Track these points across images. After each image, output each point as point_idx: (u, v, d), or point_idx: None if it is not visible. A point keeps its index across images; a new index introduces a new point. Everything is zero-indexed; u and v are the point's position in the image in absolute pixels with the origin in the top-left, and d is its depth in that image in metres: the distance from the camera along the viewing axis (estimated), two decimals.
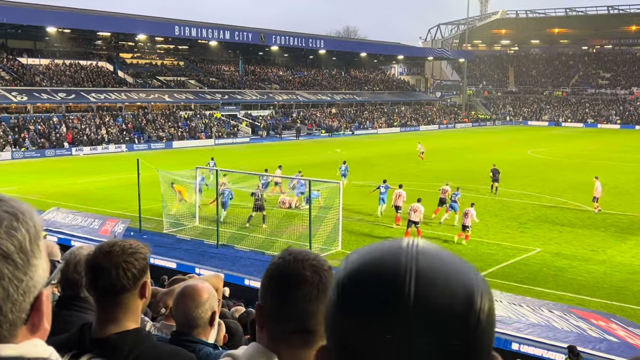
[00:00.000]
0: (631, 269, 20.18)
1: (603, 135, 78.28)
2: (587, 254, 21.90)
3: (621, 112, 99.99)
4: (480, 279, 0.89)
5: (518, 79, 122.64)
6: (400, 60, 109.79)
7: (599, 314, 16.33)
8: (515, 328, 15.50)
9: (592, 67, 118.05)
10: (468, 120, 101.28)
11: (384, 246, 0.93)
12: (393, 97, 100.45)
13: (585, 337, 14.86)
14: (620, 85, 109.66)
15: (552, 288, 18.45)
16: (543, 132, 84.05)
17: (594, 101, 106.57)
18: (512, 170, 40.41)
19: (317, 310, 1.59)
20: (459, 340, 0.83)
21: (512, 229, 25.53)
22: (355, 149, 56.94)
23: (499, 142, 66.81)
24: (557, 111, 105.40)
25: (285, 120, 79.37)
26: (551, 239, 23.89)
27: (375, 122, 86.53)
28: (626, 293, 18.01)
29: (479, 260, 21.15)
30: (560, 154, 52.97)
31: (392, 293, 0.85)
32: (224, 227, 24.35)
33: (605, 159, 49.14)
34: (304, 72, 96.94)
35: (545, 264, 20.83)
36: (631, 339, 14.81)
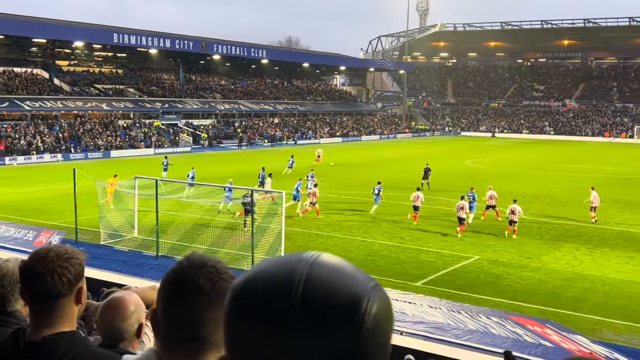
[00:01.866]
0: (565, 276, 20.82)
1: (537, 145, 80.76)
2: (523, 261, 22.49)
3: (554, 123, 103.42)
4: (372, 287, 0.90)
5: (456, 90, 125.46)
6: (342, 71, 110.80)
7: (535, 320, 16.78)
8: (454, 335, 15.77)
9: (527, 80, 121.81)
10: (408, 130, 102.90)
11: (286, 256, 0.95)
12: (335, 107, 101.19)
13: (521, 343, 15.24)
14: (553, 97, 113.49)
15: (489, 295, 18.85)
16: (481, 142, 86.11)
17: (529, 112, 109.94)
18: (452, 180, 41.21)
19: (209, 318, 1.55)
20: (343, 341, 0.84)
21: (451, 237, 26.00)
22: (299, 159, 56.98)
23: (439, 152, 68.09)
24: (494, 122, 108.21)
25: (227, 130, 78.88)
26: (488, 247, 24.44)
27: (317, 132, 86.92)
28: (560, 299, 18.56)
29: (419, 268, 21.47)
30: (497, 164, 54.36)
31: (279, 296, 0.86)
32: (164, 237, 23.95)
33: (540, 169, 50.69)
34: (247, 82, 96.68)
35: (482, 271, 21.29)
36: (565, 343, 15.26)
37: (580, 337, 15.72)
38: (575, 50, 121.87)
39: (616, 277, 20.56)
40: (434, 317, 16.90)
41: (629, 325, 16.55)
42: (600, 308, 17.76)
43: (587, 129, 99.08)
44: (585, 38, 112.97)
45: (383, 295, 0.92)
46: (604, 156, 65.38)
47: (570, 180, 44.24)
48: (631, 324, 16.66)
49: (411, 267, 21.61)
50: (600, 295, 18.81)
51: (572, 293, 19.12)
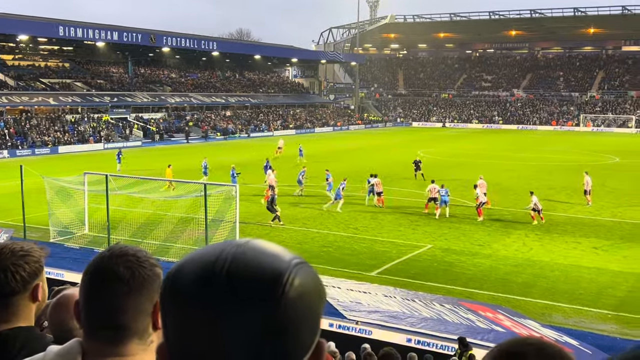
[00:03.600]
0: (515, 262, 21.32)
1: (487, 135, 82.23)
2: (475, 249, 22.92)
3: (503, 113, 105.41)
4: (295, 264, 0.97)
5: (407, 81, 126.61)
6: (294, 63, 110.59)
7: (487, 306, 17.14)
8: (409, 323, 15.98)
9: (476, 70, 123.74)
10: (361, 122, 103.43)
11: (219, 242, 1.03)
12: (288, 99, 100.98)
13: (474, 329, 15.55)
14: (502, 87, 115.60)
15: (442, 282, 19.16)
16: (432, 133, 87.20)
17: (478, 102, 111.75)
18: (404, 171, 41.65)
19: (129, 306, 1.57)
20: (267, 313, 0.92)
21: (405, 227, 26.31)
22: (252, 151, 56.80)
23: (391, 143, 68.69)
24: (444, 112, 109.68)
25: (178, 123, 77.94)
26: (441, 235, 24.83)
27: (270, 125, 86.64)
28: (511, 285, 19.00)
29: (374, 258, 21.67)
30: (448, 154, 55.16)
31: (206, 274, 0.94)
32: (116, 234, 23.56)
33: (489, 158, 51.66)
34: (197, 74, 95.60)
35: (435, 259, 21.62)
36: (516, 328, 15.64)
37: (530, 321, 16.14)
38: (523, 41, 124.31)
39: (564, 262, 21.15)
40: (389, 306, 17.09)
41: (577, 309, 17.06)
42: (550, 293, 18.25)
43: (535, 118, 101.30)
44: (531, 29, 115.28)
45: (308, 272, 0.99)
46: (552, 144, 67.00)
47: (519, 168, 45.20)
48: (579, 307, 17.17)
49: (366, 257, 21.79)
50: (550, 280, 19.33)
51: (522, 279, 19.58)
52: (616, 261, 21.26)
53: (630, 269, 20.33)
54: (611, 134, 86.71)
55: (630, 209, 30.07)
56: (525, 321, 16.11)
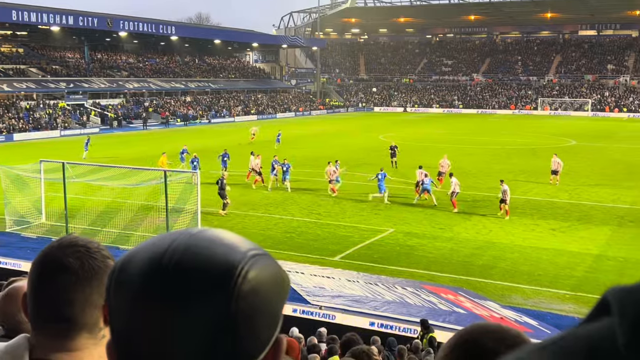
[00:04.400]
0: (475, 245, 21.60)
1: (448, 119, 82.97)
2: (436, 232, 23.15)
3: (463, 97, 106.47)
4: (252, 255, 0.91)
5: (368, 66, 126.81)
6: (254, 47, 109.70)
7: (448, 288, 17.35)
8: (372, 306, 16.08)
9: (436, 55, 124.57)
10: (323, 107, 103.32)
11: (172, 232, 0.97)
12: (249, 84, 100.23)
13: (435, 311, 15.73)
14: (461, 71, 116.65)
15: (404, 266, 19.30)
16: (393, 117, 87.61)
17: (439, 87, 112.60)
18: (366, 156, 41.79)
19: (77, 299, 1.51)
20: (218, 305, 0.86)
21: (367, 212, 26.41)
22: (212, 137, 56.30)
23: (353, 128, 68.80)
24: (405, 97, 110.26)
25: (137, 109, 76.72)
26: (402, 219, 25.00)
27: (232, 110, 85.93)
28: (472, 267, 19.25)
29: (337, 243, 21.71)
30: (410, 139, 55.45)
31: (154, 265, 0.88)
32: (74, 222, 23.13)
33: (450, 142, 52.14)
34: (156, 59, 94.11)
35: (398, 243, 21.77)
36: (477, 309, 15.86)
37: (491, 303, 16.40)
38: (482, 26, 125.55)
39: (523, 244, 21.51)
40: (352, 291, 17.17)
41: (536, 290, 17.37)
42: (510, 274, 18.55)
43: (494, 102, 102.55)
44: (490, 13, 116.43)
45: (267, 263, 0.93)
46: (510, 128, 67.96)
47: (479, 152, 45.75)
48: (538, 288, 17.49)
49: (329, 243, 21.83)
50: (509, 262, 19.64)
51: (482, 261, 19.85)
52: (574, 242, 21.70)
53: (587, 250, 20.78)
54: (568, 117, 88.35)
55: (586, 190, 30.72)
56: (485, 302, 16.36)
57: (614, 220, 24.88)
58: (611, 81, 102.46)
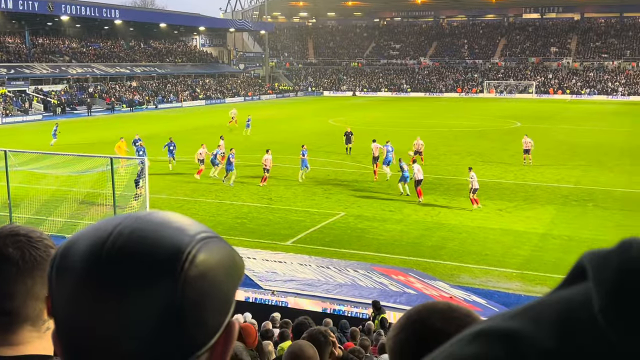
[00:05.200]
0: (424, 226, 21.90)
1: (396, 103, 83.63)
2: (386, 215, 23.37)
3: (411, 81, 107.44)
4: (201, 238, 0.87)
5: (317, 50, 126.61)
6: (201, 31, 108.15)
7: (398, 270, 17.57)
8: (324, 289, 16.17)
9: (384, 39, 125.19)
10: (272, 91, 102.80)
11: (118, 215, 0.93)
12: (196, 69, 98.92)
13: (387, 292, 15.91)
14: (409, 55, 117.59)
15: (356, 249, 19.46)
16: (342, 101, 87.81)
17: (387, 71, 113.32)
18: (317, 140, 41.80)
19: (18, 290, 1.44)
20: (164, 290, 0.82)
21: (319, 196, 26.47)
22: (160, 123, 55.40)
23: (303, 112, 68.70)
24: (354, 81, 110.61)
25: (81, 95, 74.84)
26: (353, 203, 25.14)
27: (179, 95, 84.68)
28: (421, 248, 19.53)
29: (289, 227, 21.71)
30: (359, 123, 55.68)
31: (96, 249, 0.84)
32: (18, 212, 22.48)
33: (399, 126, 52.60)
34: (100, 44, 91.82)
35: (349, 226, 21.91)
36: (427, 290, 16.12)
37: (440, 282, 16.68)
38: (428, 9, 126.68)
39: (471, 225, 21.92)
40: (304, 274, 17.22)
41: (484, 269, 17.75)
42: (458, 254, 18.89)
43: (441, 86, 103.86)
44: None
45: (217, 247, 0.88)
46: (458, 111, 68.95)
47: (427, 135, 46.25)
48: (486, 267, 17.87)
49: (281, 227, 21.80)
50: (458, 243, 20.00)
51: (432, 242, 20.17)
52: (520, 222, 22.23)
53: (533, 229, 21.32)
54: (513, 99, 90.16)
55: (532, 171, 31.44)
56: (435, 283, 16.64)
57: (559, 200, 25.57)
58: (554, 63, 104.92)
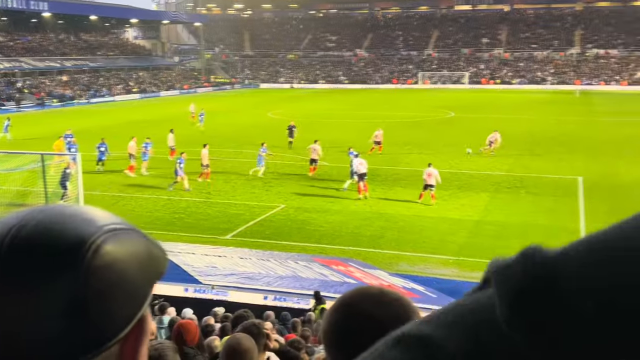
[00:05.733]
0: (363, 216, 22.16)
1: (334, 94, 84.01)
2: (326, 206, 23.52)
3: (348, 73, 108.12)
4: (109, 229, 0.84)
5: (254, 42, 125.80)
6: (134, 23, 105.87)
7: (339, 260, 17.74)
8: (265, 282, 16.18)
9: (320, 31, 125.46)
10: (209, 84, 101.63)
11: (26, 209, 0.89)
12: (130, 62, 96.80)
13: (327, 283, 16.05)
14: (345, 47, 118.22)
15: (296, 240, 19.53)
16: (280, 94, 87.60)
17: (324, 63, 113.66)
18: (256, 133, 41.60)
19: None
20: (66, 282, 0.79)
21: (258, 189, 26.39)
22: (92, 118, 54.01)
23: (241, 105, 68.21)
24: (292, 73, 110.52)
25: (9, 90, 72.20)
26: (293, 195, 25.19)
27: (112, 90, 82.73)
28: (361, 238, 19.77)
29: (228, 221, 21.59)
30: (297, 115, 55.72)
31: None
32: None
33: (337, 117, 52.93)
34: (28, 37, 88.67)
35: (289, 218, 21.95)
36: (367, 279, 16.34)
37: (380, 271, 16.94)
38: (363, 1, 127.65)
39: (408, 213, 22.30)
40: (245, 268, 17.18)
41: (422, 257, 18.11)
42: (396, 243, 19.21)
43: (377, 77, 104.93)
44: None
45: (129, 238, 0.86)
46: (394, 102, 69.83)
47: (364, 126, 46.69)
48: (423, 254, 18.24)
49: (220, 222, 21.66)
50: (396, 232, 20.33)
51: (370, 231, 20.43)
52: (455, 209, 22.76)
53: (467, 216, 21.87)
54: (447, 90, 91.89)
55: (465, 160, 32.18)
56: (374, 271, 16.88)
57: (492, 187, 26.29)
58: (486, 54, 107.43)
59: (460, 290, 15.69)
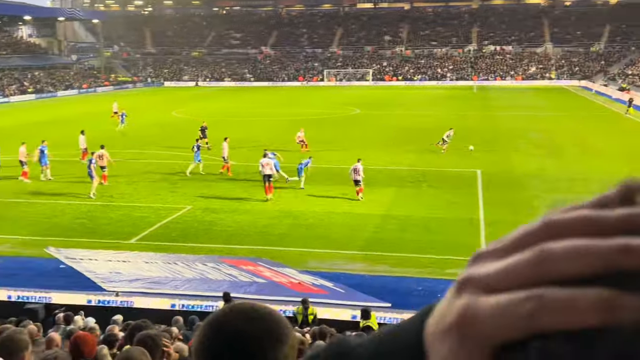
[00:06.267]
0: (272, 214, 22.14)
1: (240, 92, 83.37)
2: (234, 205, 23.33)
3: (254, 70, 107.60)
4: None
5: (155, 40, 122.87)
6: (27, 21, 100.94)
7: (248, 260, 17.65)
8: (173, 286, 15.87)
9: (224, 28, 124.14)
10: (109, 83, 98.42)
11: None
12: (24, 61, 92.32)
13: (237, 283, 15.94)
14: (250, 44, 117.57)
15: (204, 242, 19.27)
16: (185, 92, 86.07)
17: (229, 60, 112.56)
18: (161, 132, 40.76)
19: None
20: None
21: (163, 190, 25.83)
22: None
23: (144, 104, 66.48)
24: (196, 71, 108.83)
25: None
26: (200, 196, 24.82)
27: (5, 90, 78.60)
28: (270, 236, 19.74)
29: (132, 225, 21.02)
30: (204, 113, 54.95)
31: None
32: None
33: (244, 115, 52.60)
34: None
35: (196, 220, 21.63)
36: (276, 277, 16.34)
37: (289, 269, 16.98)
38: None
39: (317, 210, 22.48)
40: (151, 272, 16.78)
41: (331, 252, 18.31)
42: (306, 240, 19.33)
43: (284, 75, 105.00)
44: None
45: None
46: (300, 99, 70.13)
47: (272, 124, 46.70)
48: (332, 250, 18.44)
49: (124, 225, 21.06)
50: (305, 229, 20.45)
51: (279, 230, 20.44)
52: (362, 205, 23.13)
53: (374, 211, 22.28)
54: (352, 87, 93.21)
55: (371, 156, 32.66)
56: (284, 270, 16.90)
57: (396, 182, 26.90)
58: (388, 52, 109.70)
59: (368, 284, 16.00)
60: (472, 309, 0.47)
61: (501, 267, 0.47)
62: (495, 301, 0.46)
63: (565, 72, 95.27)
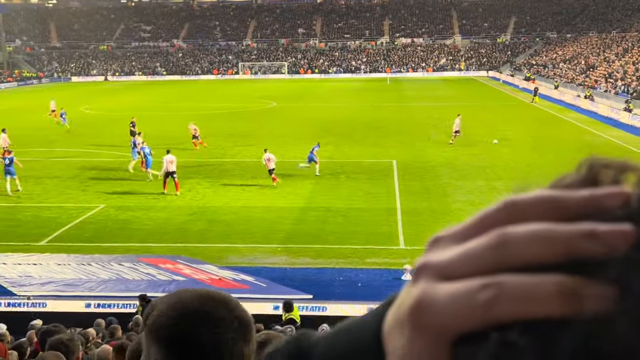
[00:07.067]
0: (190, 211, 21.76)
1: (152, 87, 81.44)
2: (150, 203, 22.77)
3: (166, 64, 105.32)
4: None
5: (61, 33, 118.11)
6: None
7: (166, 258, 17.27)
8: (87, 288, 15.35)
9: (134, 21, 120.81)
10: (12, 79, 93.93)
11: None
12: None
13: (155, 283, 15.58)
14: (161, 37, 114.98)
15: (119, 241, 18.71)
16: (94, 87, 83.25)
17: (140, 54, 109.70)
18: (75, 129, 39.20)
19: None
20: None
21: (74, 189, 24.90)
22: None
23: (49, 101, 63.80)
24: (105, 65, 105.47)
25: None
26: (114, 194, 24.07)
27: None
28: (188, 233, 19.39)
29: (42, 226, 20.16)
30: (113, 109, 53.32)
31: None
32: None
33: (156, 110, 51.37)
34: None
35: (110, 219, 20.97)
36: (196, 274, 16.08)
37: (209, 265, 16.75)
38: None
39: (237, 205, 22.26)
40: (64, 274, 16.15)
41: (251, 247, 18.17)
42: (225, 236, 19.10)
43: (197, 68, 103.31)
44: None
45: None
46: (215, 93, 69.23)
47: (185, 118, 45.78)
48: (253, 245, 18.30)
49: (32, 227, 20.15)
50: (224, 224, 20.21)
51: (198, 226, 20.12)
52: (281, 198, 23.09)
53: (293, 204, 22.28)
54: (267, 80, 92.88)
55: (290, 149, 32.70)
56: (204, 266, 16.65)
57: (314, 174, 26.99)
58: (303, 44, 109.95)
59: (290, 277, 16.00)
60: (427, 297, 0.43)
61: (459, 252, 0.44)
62: (452, 289, 0.42)
63: (473, 63, 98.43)
